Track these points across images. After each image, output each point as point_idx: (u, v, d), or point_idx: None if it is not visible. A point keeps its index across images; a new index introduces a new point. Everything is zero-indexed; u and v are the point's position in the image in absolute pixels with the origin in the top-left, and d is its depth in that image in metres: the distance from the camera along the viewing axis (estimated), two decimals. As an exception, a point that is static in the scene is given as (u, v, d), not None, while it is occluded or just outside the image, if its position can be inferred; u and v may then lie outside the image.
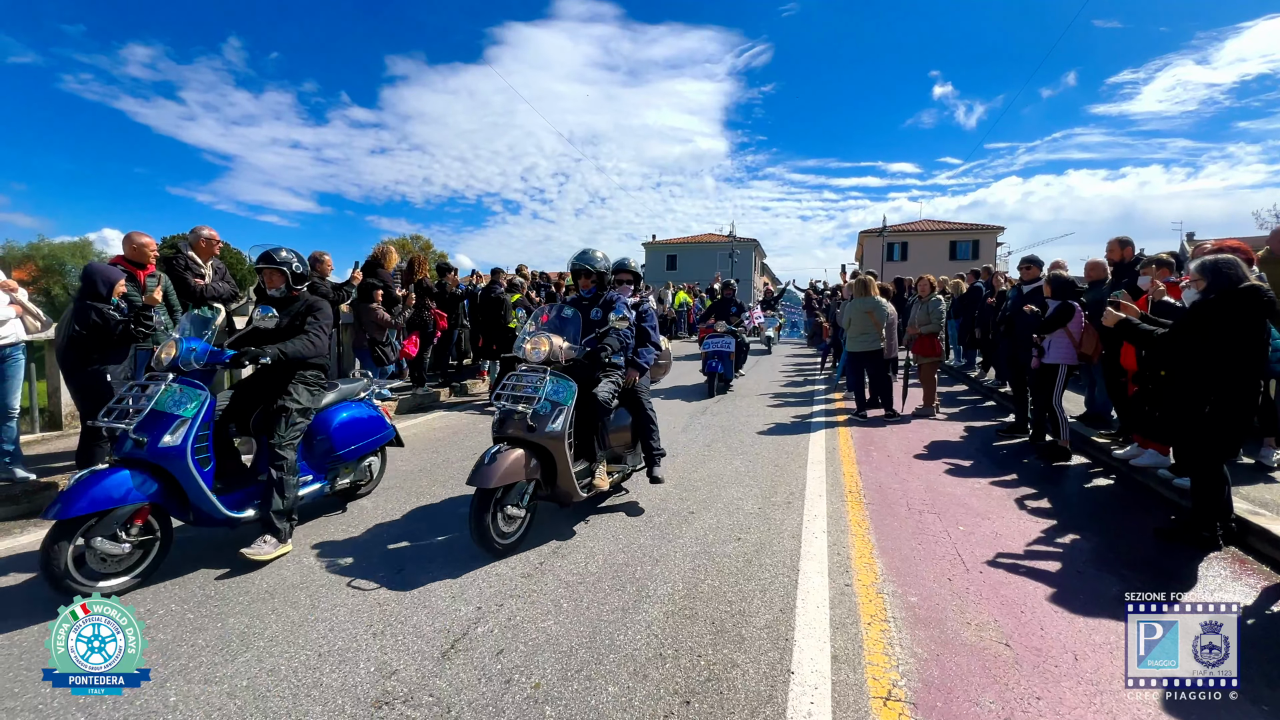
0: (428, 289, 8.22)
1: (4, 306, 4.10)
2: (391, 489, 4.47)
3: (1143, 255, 5.66)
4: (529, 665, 2.34)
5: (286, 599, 2.84)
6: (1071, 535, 3.65)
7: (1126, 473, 4.79)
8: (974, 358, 10.70)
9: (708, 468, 5.02)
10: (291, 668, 2.32)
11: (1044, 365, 5.36)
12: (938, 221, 42.84)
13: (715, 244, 44.74)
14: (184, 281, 4.99)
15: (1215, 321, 3.22)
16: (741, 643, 2.50)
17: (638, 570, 3.14)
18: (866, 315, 7.16)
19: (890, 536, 3.62)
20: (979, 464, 5.23)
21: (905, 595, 2.91)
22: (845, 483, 4.65)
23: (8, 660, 2.37)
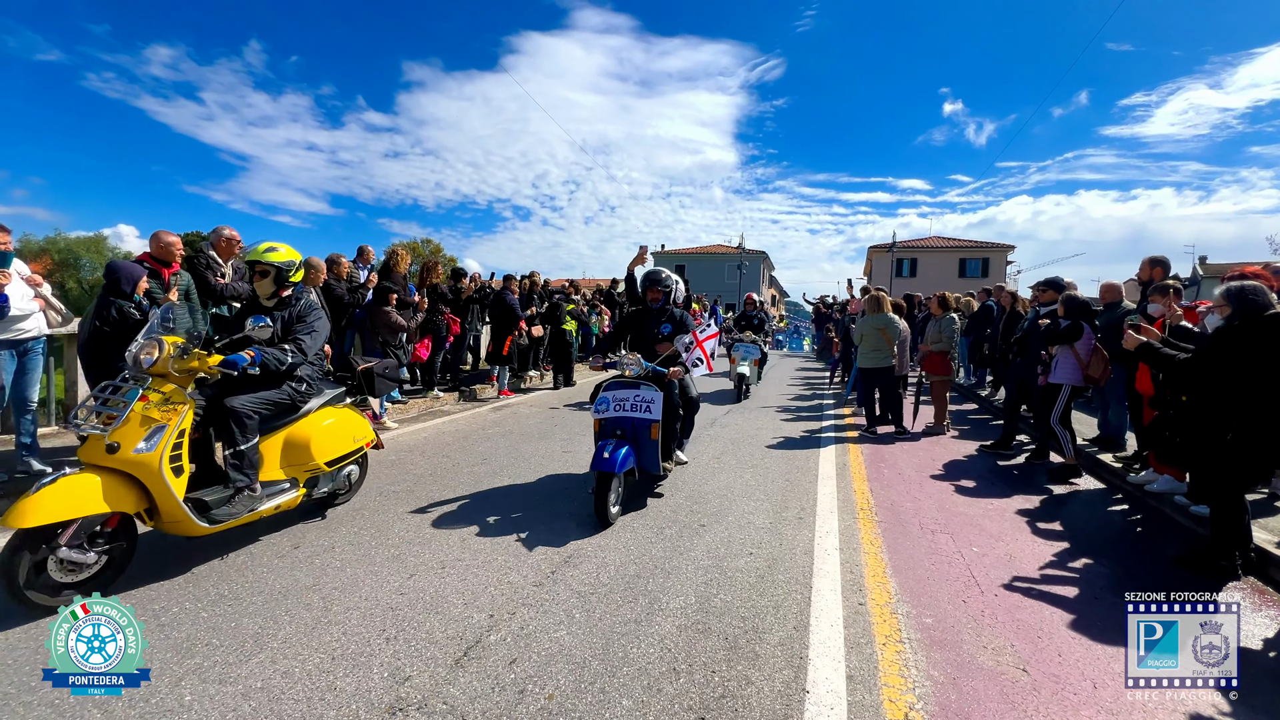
0: (441, 294, 8.27)
1: (28, 300, 4.16)
2: (400, 492, 4.48)
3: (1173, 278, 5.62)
4: (542, 676, 2.33)
5: (300, 600, 2.85)
6: (1086, 560, 3.62)
7: (1142, 498, 4.74)
8: (984, 376, 10.65)
9: (718, 480, 5.01)
10: (305, 670, 2.32)
11: (1048, 384, 5.37)
12: (947, 238, 42.80)
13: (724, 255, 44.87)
14: (205, 280, 5.04)
15: (1240, 348, 3.20)
16: (755, 659, 2.48)
17: (649, 582, 3.13)
18: (879, 332, 7.15)
19: (903, 556, 3.60)
20: (991, 484, 5.20)
21: (920, 616, 2.88)
22: (856, 500, 4.63)
23: (8, 660, 2.37)
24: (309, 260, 5.78)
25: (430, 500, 4.33)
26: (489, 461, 5.40)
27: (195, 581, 3.01)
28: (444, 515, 4.04)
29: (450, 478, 4.89)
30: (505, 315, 8.93)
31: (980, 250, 40.40)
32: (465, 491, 4.52)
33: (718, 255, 45.60)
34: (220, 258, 5.26)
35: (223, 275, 5.22)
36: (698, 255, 46.84)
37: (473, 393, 8.77)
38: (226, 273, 5.26)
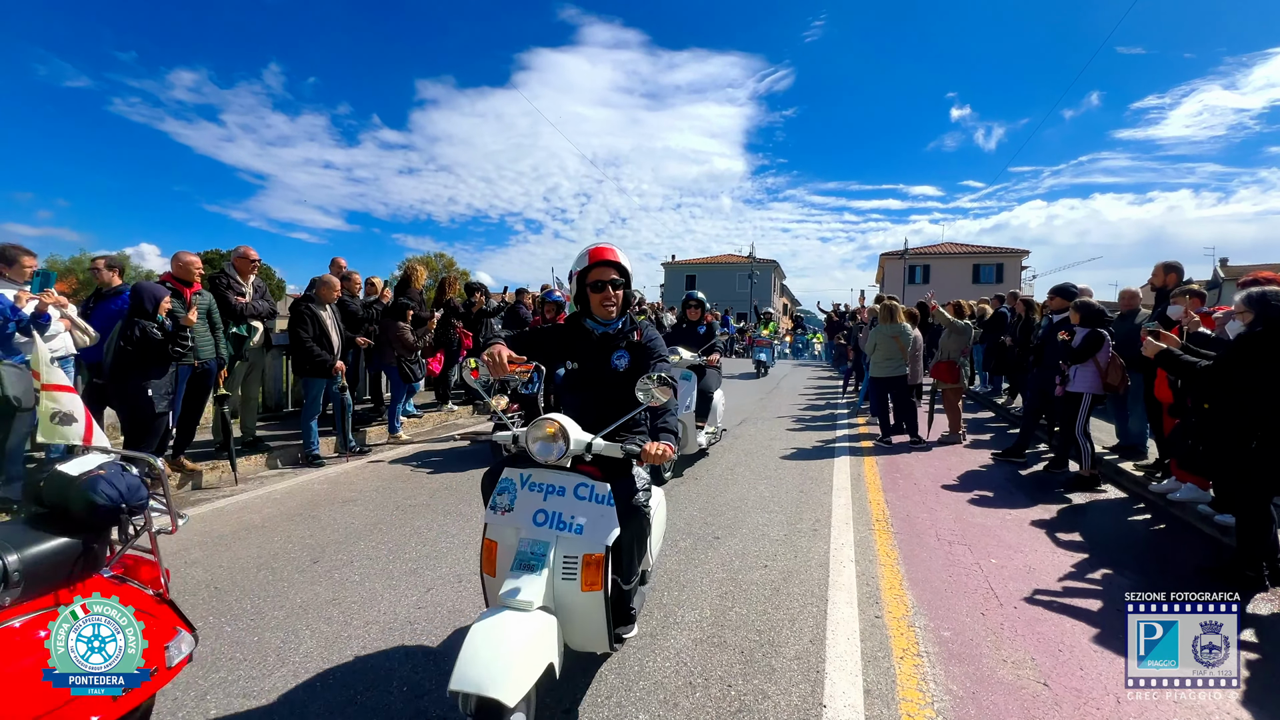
0: (454, 308, 8.37)
1: (54, 321, 4.28)
2: (417, 506, 4.53)
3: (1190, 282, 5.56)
4: (559, 689, 2.34)
5: (320, 614, 2.89)
6: (1108, 571, 3.56)
7: (1164, 507, 4.66)
8: (1000, 383, 10.53)
9: (732, 491, 5.00)
10: (326, 685, 2.35)
11: (1068, 394, 5.31)
12: (960, 244, 42.46)
13: (735, 264, 44.89)
14: (226, 299, 5.17)
15: (1263, 354, 3.16)
16: (772, 673, 2.48)
17: (664, 595, 3.14)
18: (892, 340, 7.12)
19: (920, 568, 3.57)
20: (1009, 494, 5.14)
21: (938, 629, 2.86)
22: (872, 510, 4.60)
23: (55, 668, 2.43)
24: (323, 278, 5.87)
25: (445, 514, 4.37)
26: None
27: (218, 595, 3.07)
28: (459, 528, 4.08)
29: (465, 490, 4.93)
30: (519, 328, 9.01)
31: (994, 256, 40.05)
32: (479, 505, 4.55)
33: (729, 265, 45.63)
34: (240, 277, 5.39)
35: (243, 294, 5.34)
36: (708, 265, 46.94)
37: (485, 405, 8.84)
38: (247, 291, 5.38)
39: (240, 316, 5.25)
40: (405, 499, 4.71)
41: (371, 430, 6.72)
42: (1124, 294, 5.98)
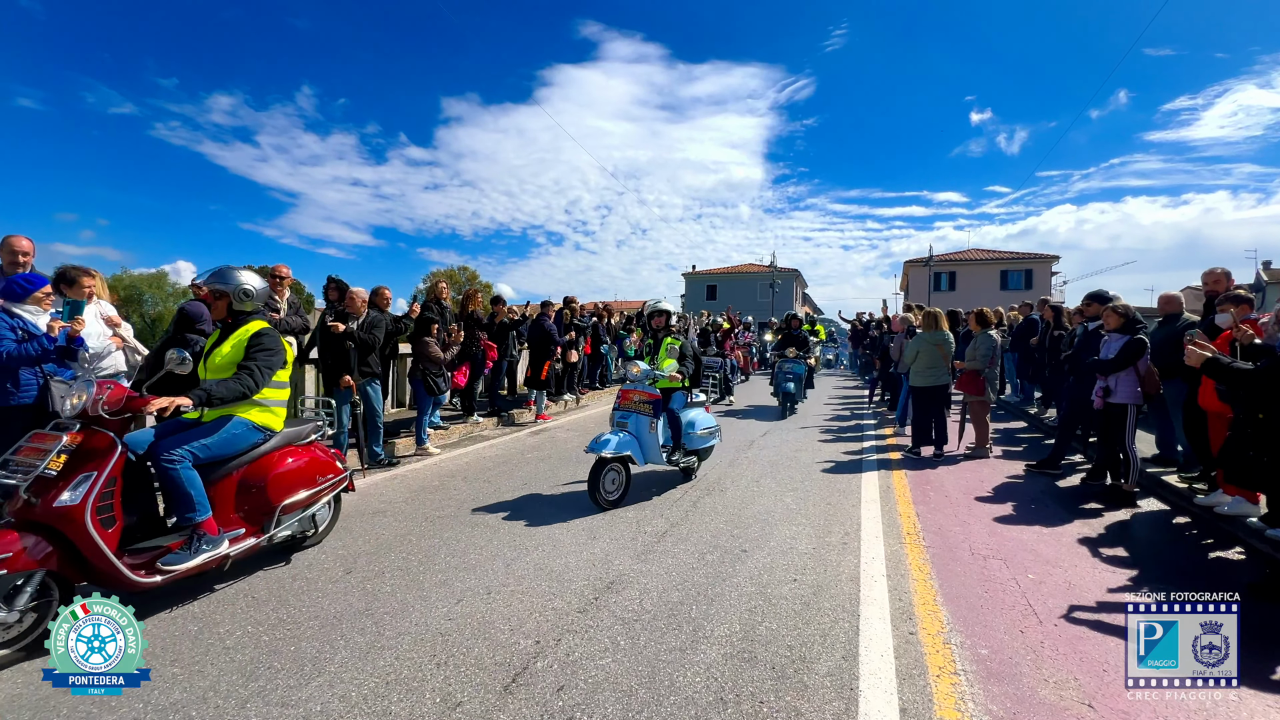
0: (478, 320, 8.49)
1: (107, 340, 4.45)
2: (446, 518, 4.58)
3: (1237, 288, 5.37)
4: (590, 704, 2.34)
5: (354, 625, 2.94)
6: (1152, 588, 3.44)
7: (1210, 520, 4.49)
8: (1032, 393, 10.27)
9: (759, 504, 4.96)
10: (361, 695, 2.39)
11: (1111, 406, 5.14)
12: (987, 250, 41.55)
13: (756, 274, 44.68)
14: (262, 315, 5.32)
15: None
16: (804, 690, 2.44)
17: (693, 609, 3.12)
18: (935, 349, 6.96)
19: (954, 582, 3.49)
20: (1044, 507, 5.00)
21: (975, 647, 2.79)
22: (902, 524, 4.52)
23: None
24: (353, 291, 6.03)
25: (473, 525, 4.41)
26: (529, 486, 5.48)
27: (256, 605, 3.14)
28: (488, 540, 4.11)
29: (492, 502, 4.98)
30: (543, 341, 9.10)
31: (1023, 261, 39.10)
32: (506, 516, 4.60)
33: (750, 274, 45.44)
34: (276, 294, 5.55)
35: (278, 310, 5.50)
36: (729, 275, 46.79)
37: (511, 417, 8.93)
38: (282, 308, 5.54)
39: (276, 332, 5.40)
40: (434, 510, 4.77)
41: (400, 442, 6.83)
42: (1164, 299, 5.80)
